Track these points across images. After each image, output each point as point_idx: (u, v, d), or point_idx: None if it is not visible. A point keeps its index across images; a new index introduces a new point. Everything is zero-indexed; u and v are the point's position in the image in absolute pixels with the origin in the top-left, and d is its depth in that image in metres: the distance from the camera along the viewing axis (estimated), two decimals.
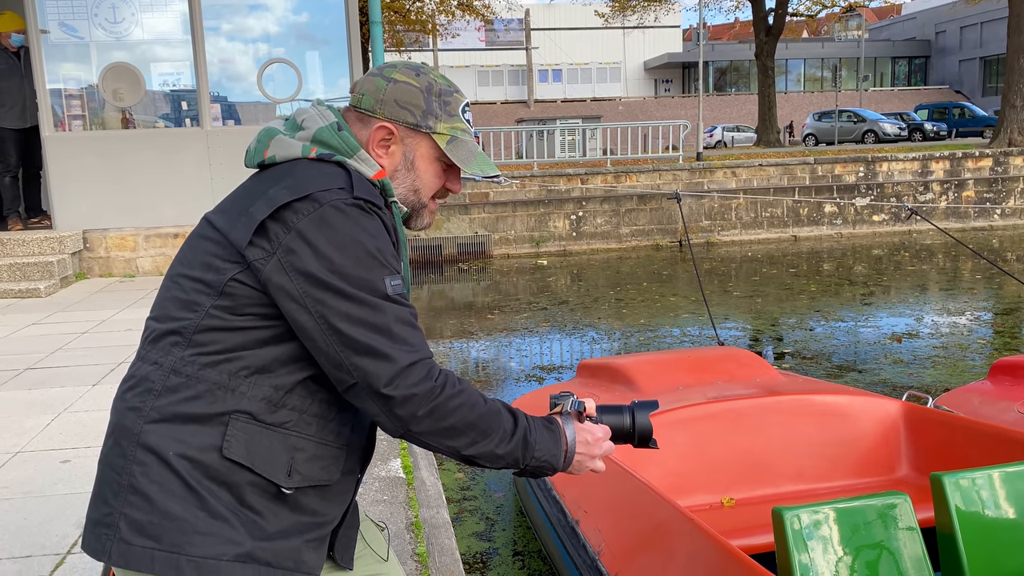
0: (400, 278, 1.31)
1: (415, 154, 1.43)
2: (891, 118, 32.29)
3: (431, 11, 27.23)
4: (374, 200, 1.30)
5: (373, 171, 1.38)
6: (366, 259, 1.26)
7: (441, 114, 1.42)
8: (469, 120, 1.47)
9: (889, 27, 57.07)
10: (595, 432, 1.46)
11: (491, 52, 50.67)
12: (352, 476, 1.42)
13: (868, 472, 3.66)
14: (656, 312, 11.08)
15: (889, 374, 7.63)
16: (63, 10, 8.05)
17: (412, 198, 1.46)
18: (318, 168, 1.34)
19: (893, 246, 17.09)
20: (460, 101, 1.45)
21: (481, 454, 1.32)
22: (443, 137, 1.42)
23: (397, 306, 1.27)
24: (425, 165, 1.44)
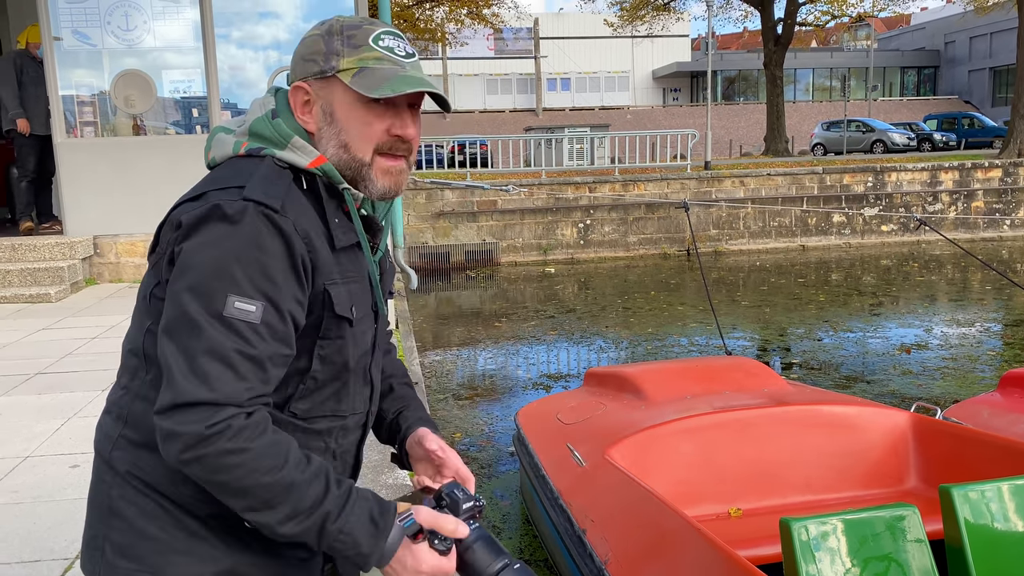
0: (262, 303, 1.12)
1: (331, 105, 1.26)
2: (900, 128, 32.21)
3: (440, 20, 27.36)
4: (267, 202, 1.14)
5: (309, 158, 1.23)
6: (218, 270, 1.12)
7: (345, 49, 1.25)
8: (391, 48, 1.26)
9: (898, 37, 57.01)
10: (424, 561, 1.19)
11: (500, 61, 50.81)
12: None
13: (876, 483, 3.65)
14: (664, 321, 11.07)
15: (898, 385, 7.60)
16: (76, 18, 8.11)
17: (346, 157, 1.26)
18: (235, 166, 1.23)
19: (902, 256, 17.03)
20: (372, 31, 1.26)
21: (259, 524, 1.14)
22: (349, 72, 1.23)
23: (224, 333, 1.10)
24: (344, 112, 1.25)
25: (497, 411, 7.30)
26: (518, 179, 17.74)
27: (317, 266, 1.20)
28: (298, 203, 1.20)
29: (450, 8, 26.69)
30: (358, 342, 1.29)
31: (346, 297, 1.25)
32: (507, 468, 5.79)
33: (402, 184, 1.31)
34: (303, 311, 1.19)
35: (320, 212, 1.24)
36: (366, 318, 1.31)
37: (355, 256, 1.29)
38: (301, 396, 1.26)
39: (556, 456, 3.89)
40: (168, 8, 8.35)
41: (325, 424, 1.30)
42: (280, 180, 1.21)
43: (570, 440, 3.91)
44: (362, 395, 1.36)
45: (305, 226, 1.19)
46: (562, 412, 4.42)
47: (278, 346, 1.15)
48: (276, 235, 1.14)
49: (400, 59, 1.26)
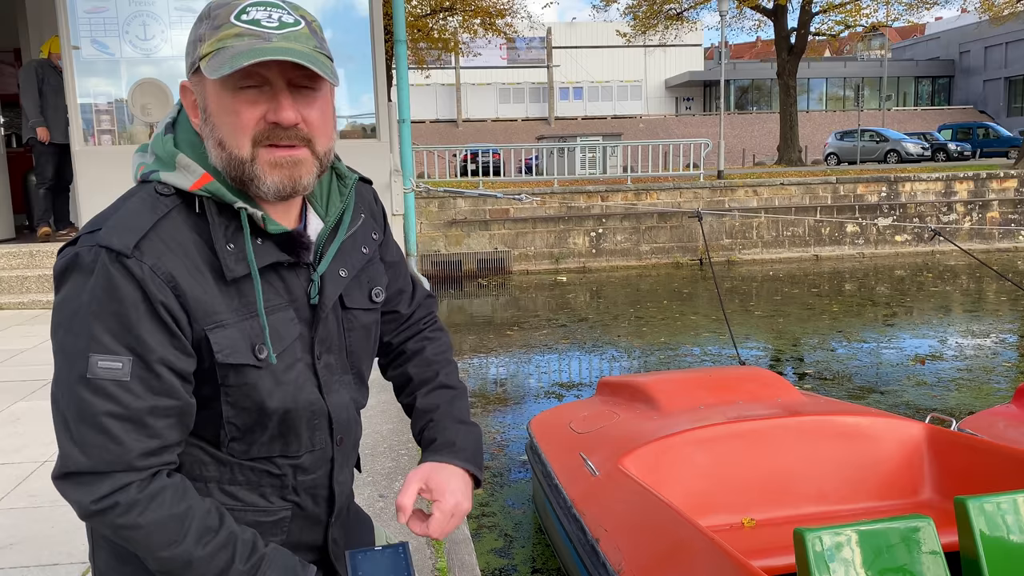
0: (128, 357, 1.03)
1: (205, 100, 1.11)
2: (914, 138, 32.09)
3: (454, 29, 27.50)
4: (115, 247, 1.02)
5: (194, 178, 1.09)
6: (77, 329, 1.03)
7: (206, 34, 1.09)
8: (258, 20, 1.07)
9: (912, 47, 56.85)
10: None
11: (513, 70, 50.98)
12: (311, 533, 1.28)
13: (890, 495, 3.64)
14: (676, 330, 11.05)
15: (912, 396, 7.56)
16: (95, 28, 8.21)
17: (224, 156, 1.09)
18: (122, 197, 1.13)
19: (916, 267, 16.95)
20: (236, 6, 1.08)
21: None
22: (206, 60, 1.07)
23: (92, 397, 1.02)
24: (215, 106, 1.09)
25: (509, 419, 7.31)
26: (530, 188, 17.77)
27: (191, 309, 1.06)
28: (170, 238, 1.07)
29: (464, 18, 26.82)
30: (280, 381, 1.14)
31: (240, 338, 1.10)
32: (519, 477, 5.79)
33: (300, 177, 1.11)
34: (186, 356, 1.08)
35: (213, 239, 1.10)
36: (288, 353, 1.15)
37: (278, 279, 1.16)
38: (232, 439, 1.16)
39: (569, 465, 3.90)
40: (184, 17, 8.44)
41: (274, 467, 1.19)
42: (151, 211, 1.07)
43: (583, 449, 3.92)
44: (319, 430, 1.22)
45: (169, 267, 1.05)
46: (575, 421, 4.43)
47: (157, 399, 1.05)
48: (129, 282, 1.02)
49: (268, 31, 1.06)
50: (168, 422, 1.08)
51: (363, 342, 1.30)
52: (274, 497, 1.22)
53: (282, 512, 1.23)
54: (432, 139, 37.78)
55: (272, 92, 1.08)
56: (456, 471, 1.29)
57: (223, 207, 1.11)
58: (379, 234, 1.34)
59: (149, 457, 1.06)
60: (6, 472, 3.48)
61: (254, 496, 1.20)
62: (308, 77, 1.09)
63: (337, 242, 1.22)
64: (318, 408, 1.21)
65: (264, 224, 1.12)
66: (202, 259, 1.09)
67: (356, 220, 1.27)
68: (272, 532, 1.22)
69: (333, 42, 8.16)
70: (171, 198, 1.10)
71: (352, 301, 1.26)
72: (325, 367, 1.22)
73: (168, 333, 1.05)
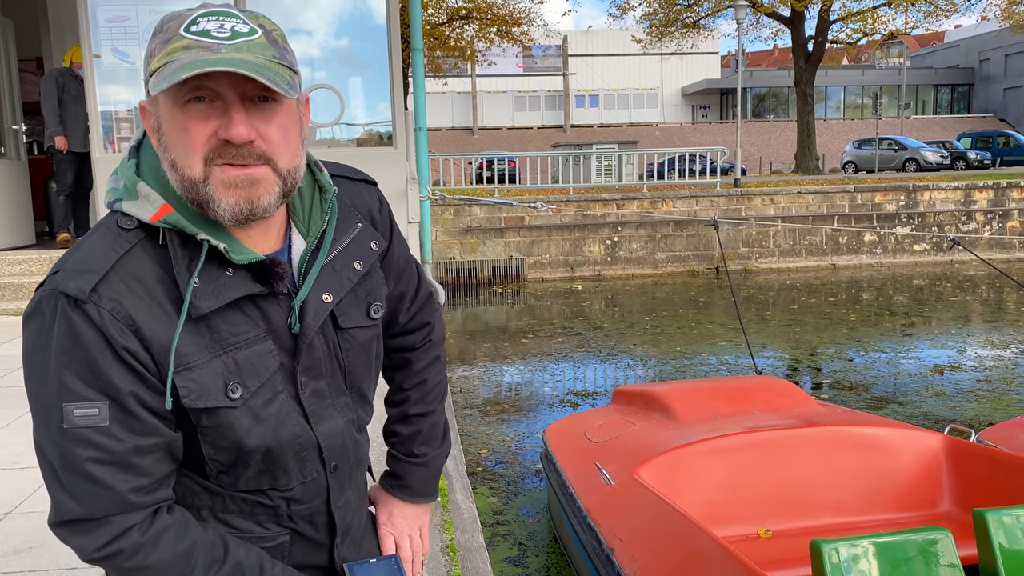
0: (103, 402, 1.00)
1: (159, 119, 1.04)
2: (933, 146, 31.88)
3: (470, 38, 27.61)
4: (71, 292, 0.99)
5: (153, 209, 1.03)
6: (47, 379, 1.00)
7: (158, 48, 1.02)
8: (208, 31, 1.00)
9: (931, 55, 56.51)
10: None
11: (528, 78, 51.11)
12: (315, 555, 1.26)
13: (908, 507, 3.61)
14: (692, 339, 11.01)
15: (930, 407, 7.49)
16: (116, 36, 8.30)
17: (178, 177, 1.03)
18: (90, 231, 1.09)
19: (935, 276, 16.81)
20: (187, 17, 1.02)
21: None
22: (155, 75, 1.00)
23: (73, 446, 1.00)
24: (167, 124, 1.03)
25: (523, 428, 7.30)
26: (545, 196, 17.78)
27: (154, 352, 1.02)
28: (131, 277, 1.02)
29: (480, 26, 26.94)
30: (259, 417, 1.09)
31: (210, 379, 1.05)
32: (534, 485, 5.79)
33: (259, 198, 1.04)
34: (159, 396, 1.04)
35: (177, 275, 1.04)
36: (267, 387, 1.10)
37: (254, 308, 1.09)
38: (219, 472, 1.12)
39: (584, 474, 3.89)
40: None
41: (265, 498, 1.17)
42: (111, 249, 1.03)
43: (598, 458, 3.91)
44: (310, 461, 1.18)
45: (130, 309, 1.00)
46: (590, 430, 4.42)
47: (139, 439, 1.02)
48: (90, 327, 0.99)
49: (217, 41, 0.99)
50: (155, 456, 1.05)
51: (362, 360, 1.24)
52: (270, 524, 1.19)
53: (280, 537, 1.20)
54: (448, 147, 37.88)
55: (224, 107, 1.01)
56: (400, 504, 1.42)
57: (187, 238, 1.04)
58: (380, 243, 1.25)
59: (143, 495, 1.04)
60: (24, 476, 3.52)
61: (249, 524, 1.18)
62: (264, 90, 1.01)
63: (318, 265, 1.14)
64: (305, 440, 1.16)
65: (229, 255, 1.05)
66: (167, 296, 1.03)
67: (347, 234, 1.19)
68: (273, 556, 1.19)
69: (350, 50, 8.19)
70: (134, 232, 1.04)
71: (347, 320, 1.20)
72: (313, 395, 1.17)
73: (137, 375, 1.01)
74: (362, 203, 1.26)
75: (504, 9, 26.79)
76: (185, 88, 0.99)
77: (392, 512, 1.42)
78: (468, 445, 6.67)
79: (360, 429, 1.29)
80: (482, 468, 6.16)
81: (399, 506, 1.42)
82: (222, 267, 1.06)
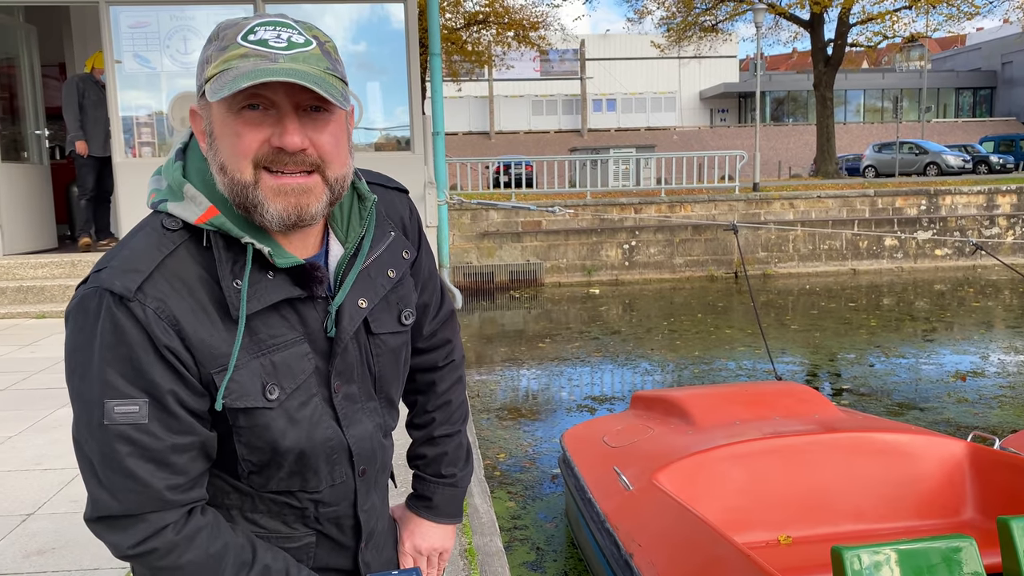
0: (143, 399, 1.01)
1: (211, 123, 1.06)
2: (955, 150, 31.58)
3: (487, 43, 27.68)
4: (117, 291, 1.01)
5: (200, 211, 1.06)
6: (89, 376, 1.02)
7: (215, 55, 1.04)
8: (265, 40, 1.03)
9: (953, 57, 56.03)
10: None
11: (546, 82, 51.15)
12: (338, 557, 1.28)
13: (931, 514, 3.57)
14: (711, 344, 10.96)
15: (953, 413, 7.41)
16: (137, 42, 8.39)
17: (227, 181, 1.05)
18: (132, 230, 1.11)
19: (956, 281, 16.64)
20: (245, 25, 1.04)
21: None
22: (211, 81, 1.03)
23: (113, 442, 1.01)
24: (219, 129, 1.05)
25: (541, 432, 7.29)
26: (563, 200, 17.77)
27: (196, 352, 1.04)
28: (175, 277, 1.04)
29: (497, 31, 27.00)
30: (294, 419, 1.12)
31: (249, 380, 1.07)
32: (552, 490, 5.77)
33: (308, 206, 1.06)
34: (198, 397, 1.06)
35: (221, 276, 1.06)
36: (302, 390, 1.12)
37: (292, 312, 1.11)
38: (250, 472, 1.14)
39: (602, 479, 3.88)
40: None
41: (294, 499, 1.19)
42: (156, 249, 1.05)
43: (617, 463, 3.90)
44: (339, 464, 1.20)
45: (173, 309, 1.02)
46: (608, 435, 4.40)
47: (177, 437, 1.04)
48: (134, 325, 1.01)
49: (275, 51, 1.02)
50: (191, 456, 1.07)
51: (392, 366, 1.26)
52: (297, 524, 1.21)
53: (306, 538, 1.22)
54: (465, 151, 38.00)
55: (278, 116, 1.03)
56: (426, 524, 1.43)
57: (231, 241, 1.07)
58: (411, 252, 1.28)
59: (178, 493, 1.06)
60: (49, 477, 3.55)
61: (276, 523, 1.19)
62: (318, 100, 1.04)
63: (355, 271, 1.17)
64: (336, 443, 1.18)
65: (272, 258, 1.07)
66: (209, 297, 1.05)
67: (382, 241, 1.22)
68: (298, 557, 1.21)
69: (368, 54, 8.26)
70: (179, 232, 1.06)
71: (379, 326, 1.22)
72: (345, 398, 1.19)
73: (177, 375, 1.04)
74: (395, 212, 1.29)
75: (521, 14, 26.84)
76: (241, 95, 1.02)
77: (414, 532, 1.43)
78: (486, 449, 6.67)
79: (387, 434, 1.31)
80: (500, 472, 6.16)
81: (424, 526, 1.43)
82: (263, 270, 1.08)
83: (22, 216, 8.58)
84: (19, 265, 7.79)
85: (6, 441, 4.03)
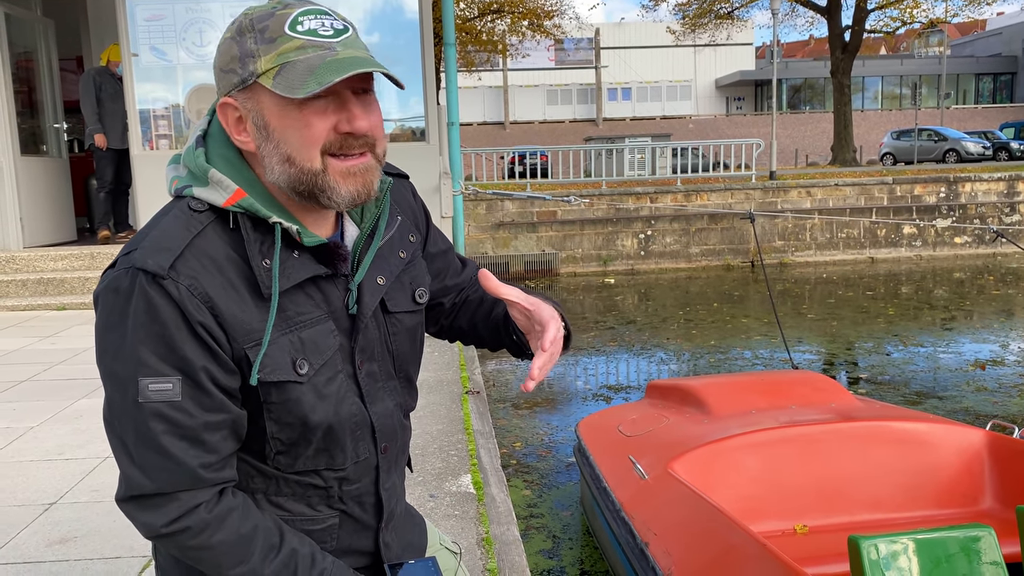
0: (177, 377, 1.03)
1: (263, 116, 1.08)
2: (975, 137, 31.21)
3: (502, 32, 27.59)
4: (150, 269, 1.02)
5: (227, 194, 1.08)
6: (123, 354, 1.03)
7: (260, 47, 1.06)
8: (314, 29, 1.06)
9: (973, 43, 55.29)
10: None
11: (560, 71, 50.95)
12: (360, 540, 1.29)
13: (949, 503, 3.55)
14: (727, 333, 10.92)
15: (972, 402, 7.35)
16: (154, 35, 8.43)
17: (294, 171, 1.07)
18: (158, 213, 1.13)
19: (976, 269, 16.48)
20: (287, 16, 1.06)
21: None
22: (270, 74, 1.05)
23: (147, 420, 1.03)
24: (279, 122, 1.07)
25: (556, 421, 7.30)
26: (578, 190, 17.72)
27: (228, 328, 1.06)
28: (205, 256, 1.06)
29: (512, 20, 26.91)
30: (322, 394, 1.14)
31: (280, 355, 1.09)
32: (567, 479, 5.79)
33: (373, 183, 1.12)
34: (229, 374, 1.08)
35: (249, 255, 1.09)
36: (328, 366, 1.15)
37: (316, 290, 1.14)
38: (277, 452, 1.16)
39: (618, 468, 3.88)
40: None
41: (319, 479, 1.20)
42: (185, 229, 1.07)
43: (632, 452, 3.90)
44: (363, 440, 1.22)
45: (205, 286, 1.04)
46: (624, 424, 4.40)
47: (210, 415, 1.06)
48: (168, 303, 1.02)
49: (327, 40, 1.06)
50: (222, 434, 1.09)
51: (408, 345, 1.29)
52: (321, 506, 1.22)
53: (330, 520, 1.24)
54: (479, 141, 37.94)
55: (339, 102, 1.07)
56: (546, 305, 1.31)
57: (257, 222, 1.09)
58: (417, 235, 1.33)
59: (211, 471, 1.08)
60: (70, 467, 3.60)
61: (301, 506, 1.21)
62: (364, 81, 1.08)
63: (373, 249, 1.20)
64: (360, 419, 1.20)
65: (300, 237, 1.10)
66: (238, 276, 1.08)
67: (392, 224, 1.25)
68: (321, 539, 1.23)
69: (382, 45, 8.27)
70: (205, 214, 1.09)
71: (395, 305, 1.25)
72: (367, 376, 1.22)
73: (210, 352, 1.05)
74: (401, 197, 1.33)
75: (536, 2, 26.73)
76: None
77: (542, 307, 1.29)
78: (502, 438, 6.69)
79: (406, 415, 1.33)
80: (515, 461, 6.18)
81: (540, 304, 1.32)
82: (289, 249, 1.11)
83: (42, 209, 8.66)
84: (39, 257, 7.87)
85: (28, 431, 4.09)
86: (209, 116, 1.16)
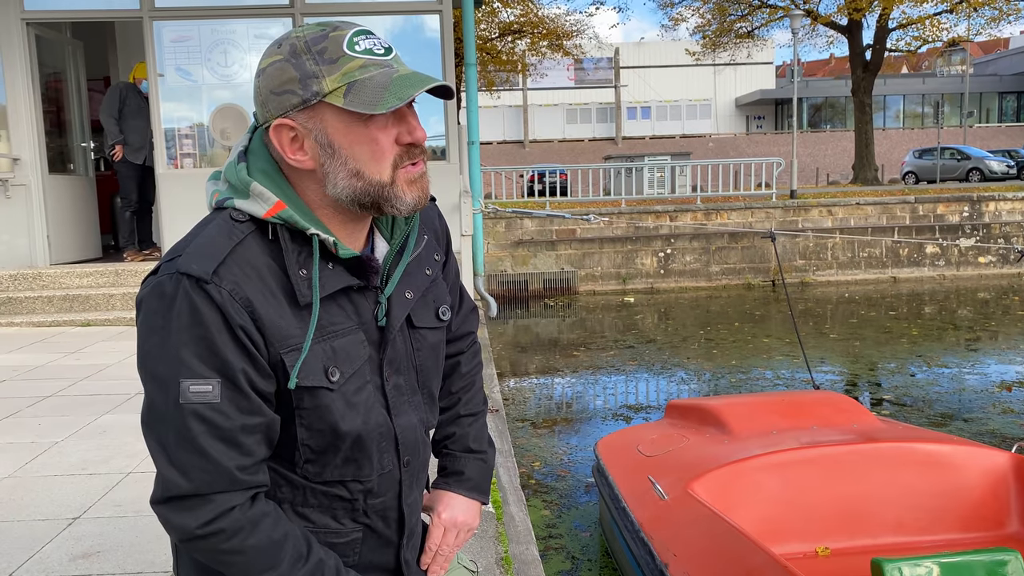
0: (217, 380, 1.06)
1: (327, 135, 1.12)
2: (998, 155, 30.93)
3: (522, 52, 27.75)
4: (195, 273, 1.06)
5: (267, 206, 1.11)
6: (165, 356, 1.06)
7: (321, 68, 1.09)
8: (370, 48, 1.11)
9: (995, 61, 54.93)
10: None
11: (580, 90, 51.14)
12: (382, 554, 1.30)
13: (974, 527, 3.50)
14: (748, 353, 10.85)
15: (998, 424, 7.25)
16: (179, 56, 8.56)
17: (362, 185, 1.12)
18: (199, 224, 1.17)
19: (1001, 289, 16.29)
20: (342, 36, 1.11)
21: None
22: (338, 93, 1.09)
23: (187, 421, 1.06)
24: (345, 139, 1.11)
25: (575, 441, 7.27)
26: (597, 208, 17.73)
27: (267, 333, 1.10)
28: (245, 263, 1.10)
29: (532, 40, 27.07)
30: (352, 403, 1.17)
31: (314, 361, 1.13)
32: (586, 499, 5.76)
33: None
34: (266, 378, 1.11)
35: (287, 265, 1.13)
36: (358, 376, 1.18)
37: (348, 302, 1.18)
38: (307, 460, 1.19)
39: (637, 488, 3.86)
40: (262, 44, 8.74)
41: (345, 490, 1.22)
42: (227, 238, 1.11)
43: (651, 472, 3.88)
44: (387, 452, 1.24)
45: (246, 291, 1.08)
46: (643, 444, 4.39)
47: (247, 417, 1.09)
48: (211, 307, 1.06)
49: (383, 59, 1.12)
50: (257, 438, 1.12)
51: (432, 361, 1.32)
52: (345, 519, 1.24)
53: (353, 534, 1.25)
54: (499, 160, 38.08)
55: (398, 115, 1.13)
56: (460, 498, 1.44)
57: (295, 233, 1.13)
58: (441, 255, 1.37)
59: (246, 474, 1.10)
60: (93, 482, 3.63)
61: (326, 518, 1.23)
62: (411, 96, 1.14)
63: (403, 264, 1.24)
64: (386, 430, 1.23)
65: (336, 249, 1.14)
66: (276, 284, 1.12)
67: (420, 242, 1.29)
68: (344, 553, 1.24)
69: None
70: (246, 224, 1.13)
71: (420, 320, 1.29)
72: (394, 388, 1.25)
73: (249, 355, 1.09)
74: (428, 218, 1.37)
75: (556, 23, 26.88)
76: None
77: (449, 504, 1.43)
78: (520, 457, 6.67)
79: (427, 431, 1.35)
80: (534, 481, 6.16)
81: (457, 500, 1.44)
82: (325, 260, 1.15)
83: (68, 226, 8.78)
84: (65, 274, 7.97)
85: (52, 446, 4.13)
86: (249, 133, 1.20)
